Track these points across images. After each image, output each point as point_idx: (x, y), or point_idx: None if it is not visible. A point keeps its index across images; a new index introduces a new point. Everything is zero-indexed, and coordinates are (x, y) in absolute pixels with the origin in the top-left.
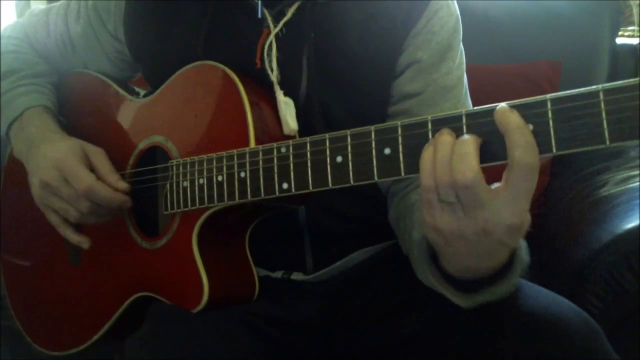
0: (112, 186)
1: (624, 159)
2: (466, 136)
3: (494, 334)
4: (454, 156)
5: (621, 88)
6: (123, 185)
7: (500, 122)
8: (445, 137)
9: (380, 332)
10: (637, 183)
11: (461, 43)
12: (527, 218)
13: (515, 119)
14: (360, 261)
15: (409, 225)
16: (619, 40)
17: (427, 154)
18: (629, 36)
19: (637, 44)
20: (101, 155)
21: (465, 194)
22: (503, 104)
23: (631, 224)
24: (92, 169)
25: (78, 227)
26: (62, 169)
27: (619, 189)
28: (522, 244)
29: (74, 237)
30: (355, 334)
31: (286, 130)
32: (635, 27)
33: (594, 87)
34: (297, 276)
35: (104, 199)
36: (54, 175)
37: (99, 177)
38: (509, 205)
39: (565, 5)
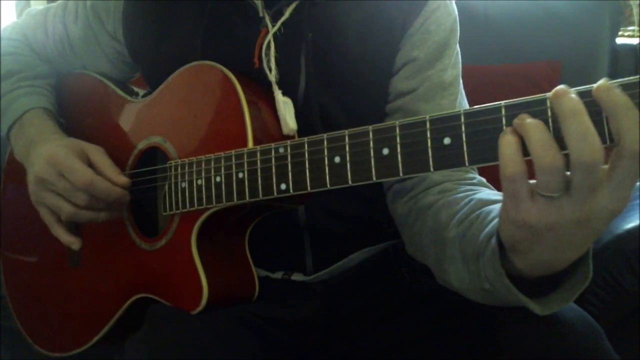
0: (112, 180)
1: None
2: (580, 106)
3: (493, 334)
4: (572, 134)
5: (620, 86)
6: (123, 179)
7: (605, 101)
8: (533, 120)
9: (380, 332)
10: (637, 183)
11: (458, 45)
12: (626, 204)
13: (623, 97)
14: (360, 261)
15: (425, 227)
16: (619, 40)
17: (507, 139)
18: (629, 36)
19: (637, 44)
20: (100, 153)
21: (585, 176)
22: (603, 81)
23: (631, 224)
24: (90, 166)
25: (78, 229)
26: (58, 164)
27: None
28: None
29: (65, 236)
30: (355, 334)
31: (285, 130)
32: (635, 27)
33: (594, 84)
34: (297, 277)
35: (102, 192)
36: (49, 170)
37: (99, 173)
38: (615, 191)
39: (565, 5)
